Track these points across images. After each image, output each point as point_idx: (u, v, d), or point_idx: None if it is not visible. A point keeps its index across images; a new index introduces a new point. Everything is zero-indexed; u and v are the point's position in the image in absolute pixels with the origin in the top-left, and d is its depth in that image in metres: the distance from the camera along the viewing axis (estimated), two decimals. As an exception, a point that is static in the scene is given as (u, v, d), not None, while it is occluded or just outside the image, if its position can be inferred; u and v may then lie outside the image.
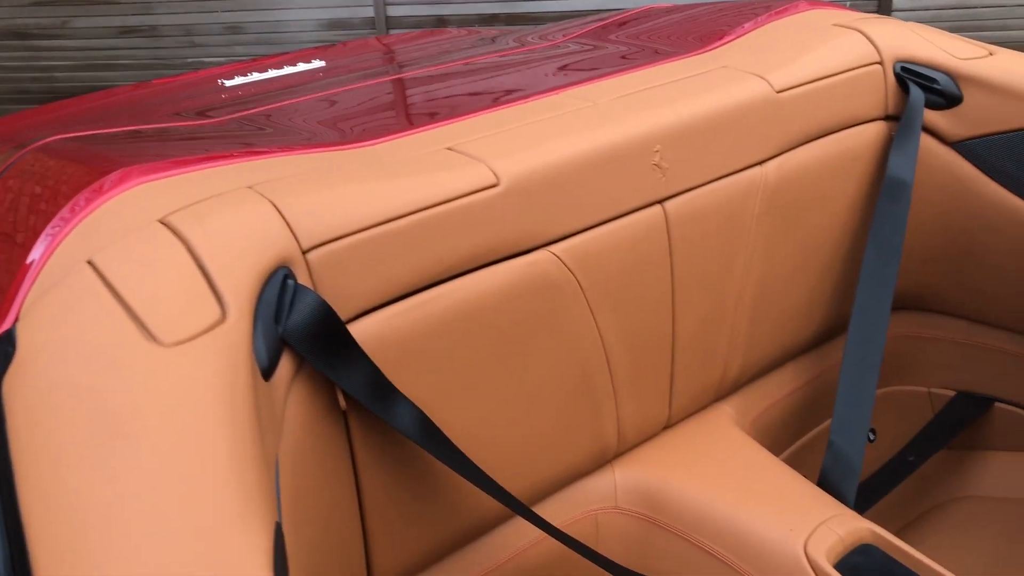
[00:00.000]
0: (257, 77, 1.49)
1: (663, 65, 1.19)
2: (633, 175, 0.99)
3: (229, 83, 1.47)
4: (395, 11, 4.24)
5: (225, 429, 0.60)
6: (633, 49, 1.33)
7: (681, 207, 1.04)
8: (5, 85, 4.77)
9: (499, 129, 0.98)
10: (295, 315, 0.75)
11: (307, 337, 0.76)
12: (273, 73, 1.50)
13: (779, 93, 1.11)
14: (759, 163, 1.11)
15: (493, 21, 4.16)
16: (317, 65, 1.53)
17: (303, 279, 0.78)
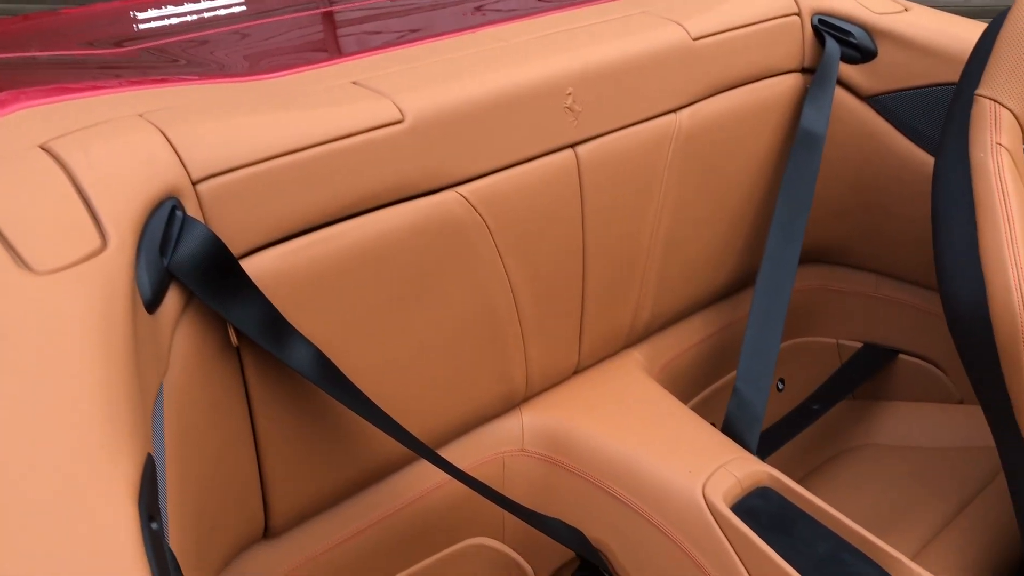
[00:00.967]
0: (172, 10, 1.44)
1: (581, 8, 1.18)
2: (544, 117, 0.98)
3: (142, 15, 1.41)
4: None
5: (96, 358, 0.58)
6: None
7: (593, 152, 1.03)
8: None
9: (407, 65, 0.95)
10: (183, 248, 0.73)
11: (195, 271, 0.74)
12: (189, 7, 1.45)
13: (695, 41, 1.11)
14: (673, 111, 1.11)
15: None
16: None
17: (193, 211, 0.76)
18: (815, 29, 1.25)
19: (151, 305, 0.69)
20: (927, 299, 1.36)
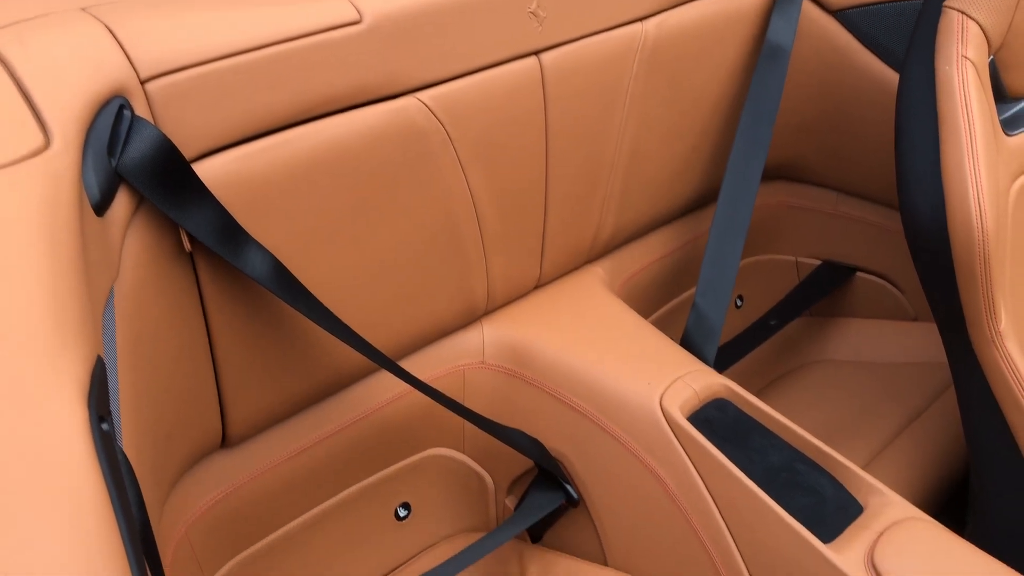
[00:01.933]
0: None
1: None
2: (509, 21, 0.95)
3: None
4: None
5: (42, 257, 0.56)
6: None
7: (558, 60, 1.01)
8: None
9: None
10: (131, 149, 0.70)
11: (145, 174, 0.71)
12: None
13: None
14: (639, 19, 1.08)
15: None
16: None
17: (141, 111, 0.73)
18: None
19: (99, 207, 0.67)
20: (886, 216, 1.37)
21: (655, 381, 0.99)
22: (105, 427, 0.50)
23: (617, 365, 1.02)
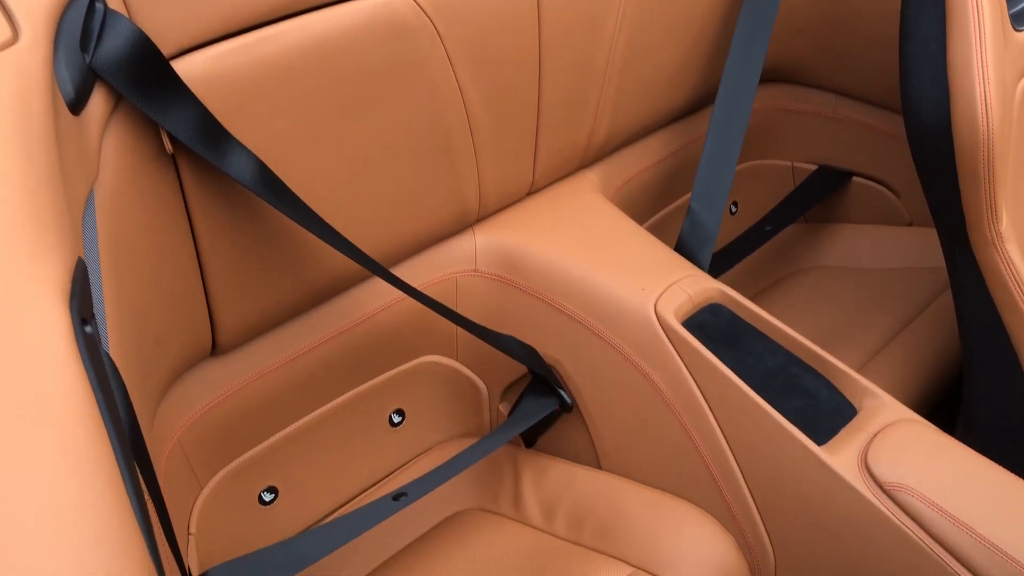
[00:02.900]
0: None
1: None
2: None
3: None
4: None
5: (16, 155, 0.54)
6: None
7: None
8: None
9: None
10: (106, 44, 0.67)
11: (122, 70, 0.68)
12: None
13: None
14: None
15: None
16: None
17: (115, 4, 0.69)
18: None
19: (75, 106, 0.64)
20: (885, 119, 1.34)
21: (649, 287, 0.98)
22: (88, 330, 0.48)
23: (611, 271, 1.01)
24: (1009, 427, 1.01)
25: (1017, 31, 0.96)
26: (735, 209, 1.46)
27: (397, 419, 1.10)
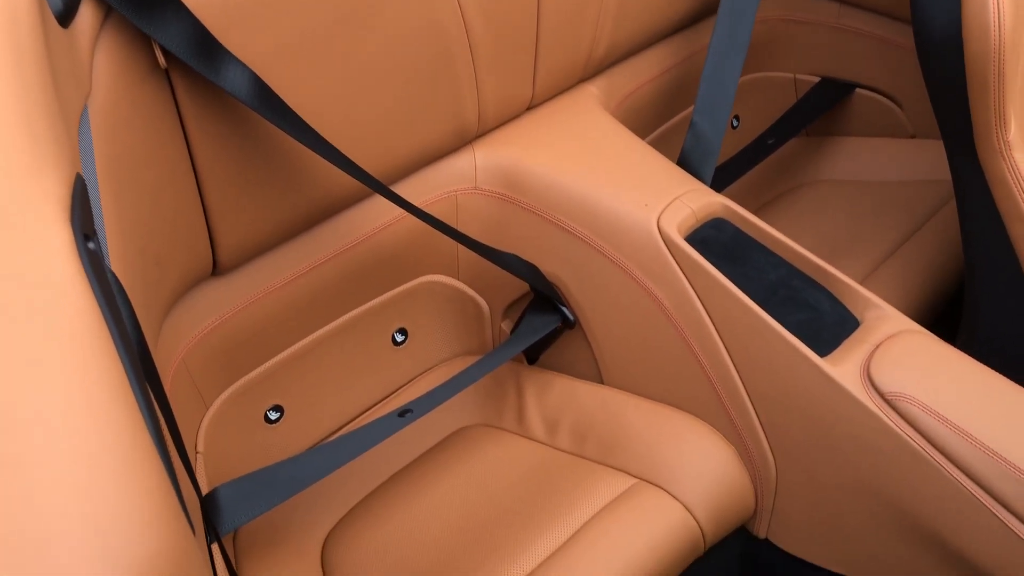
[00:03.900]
0: None
1: None
2: None
3: None
4: None
5: (7, 73, 0.52)
6: None
7: None
8: None
9: None
10: (93, -47, 0.65)
11: None
12: None
13: None
14: None
15: None
16: None
17: None
18: None
19: (63, 17, 0.62)
20: (890, 29, 1.31)
21: (652, 202, 0.97)
22: (91, 246, 0.48)
23: (613, 187, 1.00)
24: (1010, 336, 1.02)
25: (1031, -67, 0.93)
26: (737, 123, 1.44)
27: (400, 338, 1.10)
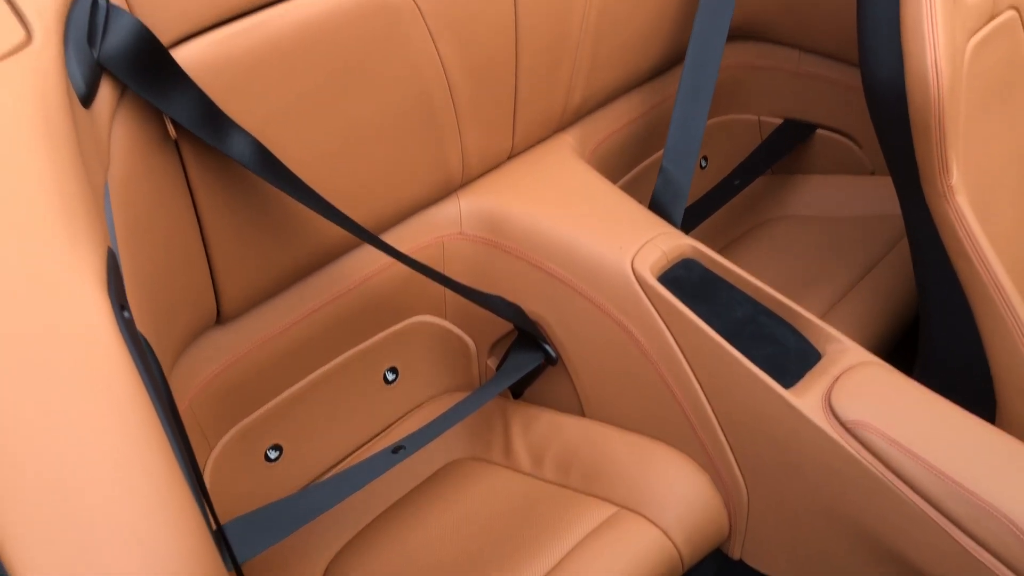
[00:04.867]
0: None
1: None
2: None
3: None
4: None
5: (44, 155, 0.58)
6: None
7: None
8: None
9: None
10: (111, 38, 0.71)
11: (126, 62, 0.72)
12: None
13: None
14: None
15: None
16: None
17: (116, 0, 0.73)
18: None
19: (86, 99, 0.68)
20: (846, 74, 1.40)
21: (626, 245, 1.04)
22: (127, 315, 0.53)
23: (589, 231, 1.06)
24: (960, 367, 1.08)
25: (966, -7, 1.01)
26: (705, 163, 1.51)
27: (391, 377, 1.16)
